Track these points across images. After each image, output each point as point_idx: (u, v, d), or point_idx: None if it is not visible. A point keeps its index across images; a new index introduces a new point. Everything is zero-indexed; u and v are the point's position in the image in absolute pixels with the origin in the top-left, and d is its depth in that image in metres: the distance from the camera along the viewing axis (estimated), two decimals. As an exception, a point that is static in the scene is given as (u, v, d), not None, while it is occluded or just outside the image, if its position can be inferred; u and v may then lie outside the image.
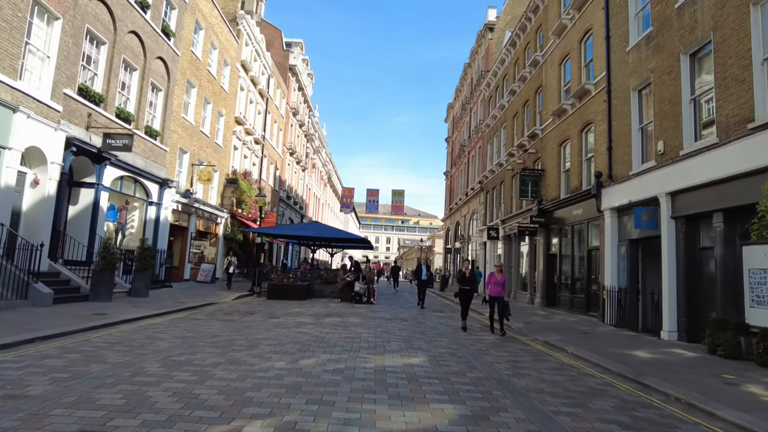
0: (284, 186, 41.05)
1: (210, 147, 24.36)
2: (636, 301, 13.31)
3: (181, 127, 20.94)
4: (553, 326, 13.19)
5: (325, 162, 65.06)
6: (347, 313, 13.81)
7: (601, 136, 15.62)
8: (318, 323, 11.28)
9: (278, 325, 10.71)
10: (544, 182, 20.56)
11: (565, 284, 18.26)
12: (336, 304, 16.95)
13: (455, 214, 42.96)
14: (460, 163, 41.90)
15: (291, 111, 42.30)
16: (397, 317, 13.72)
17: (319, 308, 15.02)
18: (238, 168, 28.74)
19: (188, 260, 22.26)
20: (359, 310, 15.19)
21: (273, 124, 36.85)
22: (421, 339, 9.77)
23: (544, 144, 20.99)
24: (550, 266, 19.55)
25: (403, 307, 17.32)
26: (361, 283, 17.10)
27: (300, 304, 16.22)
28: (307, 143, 51.45)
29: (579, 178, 17.23)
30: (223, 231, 26.45)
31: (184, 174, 21.84)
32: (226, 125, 26.64)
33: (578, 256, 17.34)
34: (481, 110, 34.73)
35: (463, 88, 43.05)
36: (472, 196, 35.41)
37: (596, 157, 15.88)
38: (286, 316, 12.55)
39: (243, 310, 13.42)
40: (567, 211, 17.91)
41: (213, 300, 15.89)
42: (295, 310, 14.14)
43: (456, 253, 42.73)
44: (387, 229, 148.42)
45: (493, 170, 28.93)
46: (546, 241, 19.85)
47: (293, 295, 17.47)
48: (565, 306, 17.78)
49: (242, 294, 18.56)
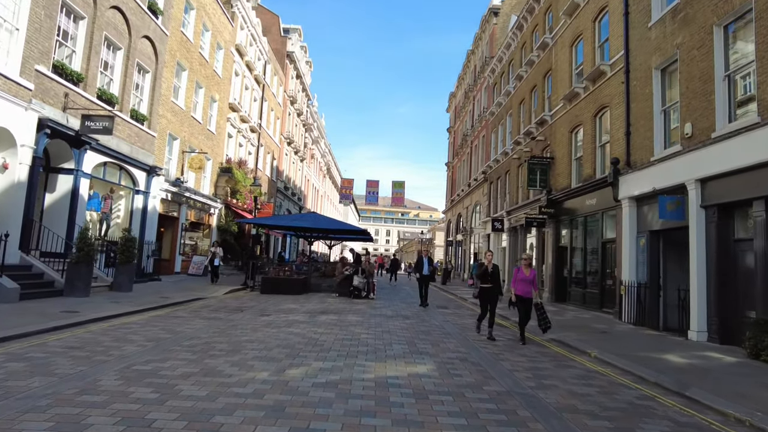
0: (282, 176, 39.95)
1: (202, 134, 23.26)
2: (657, 297, 12.30)
3: (170, 111, 19.84)
4: (568, 324, 12.20)
5: (324, 153, 63.90)
6: (345, 310, 12.80)
7: (617, 120, 14.55)
8: (312, 322, 10.27)
9: (268, 324, 9.70)
10: (554, 171, 19.50)
11: (576, 278, 17.25)
12: (333, 299, 15.95)
13: (457, 206, 41.91)
14: (463, 154, 40.79)
15: (289, 99, 41.12)
16: (398, 314, 12.72)
17: (314, 304, 14.01)
18: (232, 157, 27.65)
19: (179, 252, 21.24)
20: (358, 306, 14.20)
21: (270, 112, 35.69)
22: (427, 341, 8.77)
23: (553, 130, 19.91)
24: (559, 259, 18.53)
25: (405, 303, 16.33)
26: (360, 277, 16.10)
27: (295, 299, 15.21)
28: (306, 133, 50.28)
29: (592, 166, 16.18)
30: (217, 222, 25.42)
31: (174, 161, 20.77)
32: (220, 111, 25.52)
33: (591, 249, 16.32)
34: (485, 98, 33.58)
35: (465, 76, 41.84)
36: (475, 187, 34.35)
37: (612, 143, 14.81)
38: (277, 313, 11.54)
39: (232, 307, 12.42)
40: (579, 201, 16.86)
41: (202, 295, 14.89)
42: (288, 306, 13.13)
43: (458, 246, 41.75)
44: (387, 222, 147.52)
45: (497, 159, 27.84)
46: (555, 232, 18.83)
47: (288, 290, 16.47)
48: (576, 301, 16.78)
49: (234, 288, 17.56)
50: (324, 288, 18.47)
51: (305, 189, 50.69)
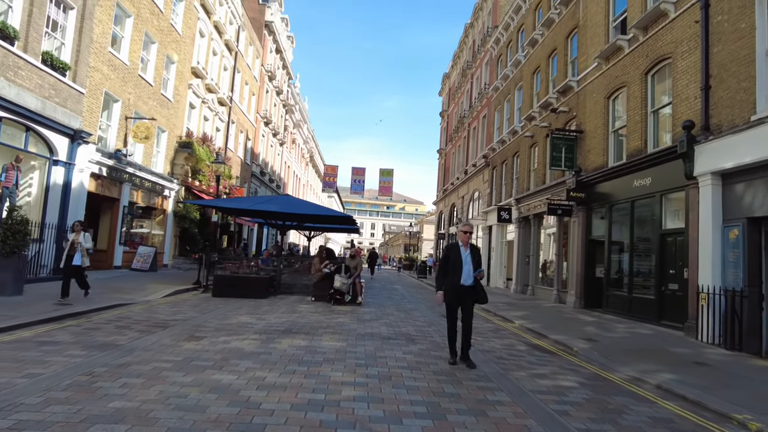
0: (257, 160, 35.89)
1: (154, 99, 19.18)
2: (758, 310, 8.81)
3: (108, 65, 15.76)
4: (632, 346, 8.66)
5: (307, 139, 59.75)
6: (320, 327, 8.97)
7: (686, 74, 10.99)
8: (264, 354, 6.47)
9: (187, 359, 5.86)
10: (582, 147, 15.94)
11: (617, 280, 13.74)
12: (307, 305, 12.15)
13: (450, 196, 38.32)
14: (458, 138, 37.15)
15: (266, 74, 36.97)
16: (398, 333, 8.95)
17: (279, 314, 10.19)
18: (195, 131, 23.59)
19: (119, 242, 17.21)
20: (339, 317, 10.42)
21: (244, 85, 31.58)
22: (460, 399, 5.04)
23: (581, 99, 16.33)
24: (590, 255, 15.00)
25: (401, 310, 12.63)
26: (343, 277, 12.34)
27: (255, 305, 11.39)
28: (286, 115, 46.16)
29: (642, 138, 12.64)
30: (174, 206, 21.39)
31: (113, 129, 16.70)
32: (179, 76, 21.43)
33: (641, 243, 12.80)
34: (486, 74, 29.92)
35: (462, 53, 38.13)
36: (473, 173, 30.75)
37: (677, 104, 11.24)
38: (217, 333, 7.71)
39: (155, 320, 8.57)
40: (621, 182, 13.32)
41: (131, 298, 11.03)
42: (239, 319, 9.29)
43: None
44: (372, 215, 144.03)
45: (503, 140, 24.24)
46: (585, 222, 15.28)
47: (248, 292, 12.64)
48: (616, 309, 13.26)
49: (182, 288, 13.70)
50: (298, 289, 14.65)
51: (285, 176, 46.62)
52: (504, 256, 24.37)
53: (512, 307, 14.86)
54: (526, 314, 13.06)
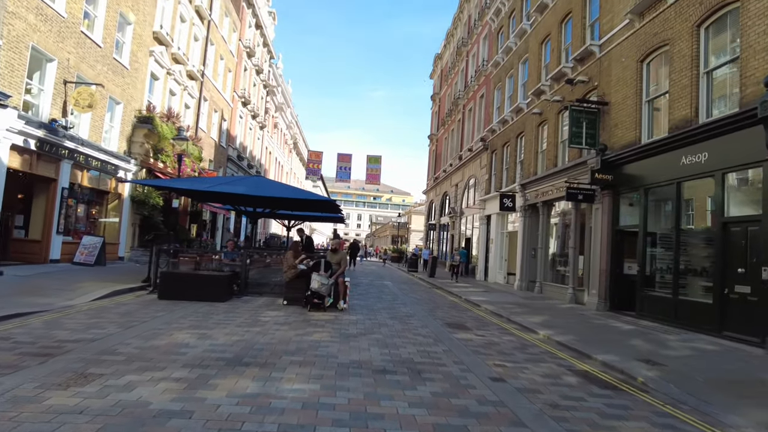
0: (234, 143, 33.02)
1: (104, 63, 16.32)
2: None
3: (36, 13, 12.91)
4: (715, 374, 6.34)
5: (291, 124, 56.75)
6: (285, 351, 6.20)
7: (759, 20, 8.63)
8: (177, 415, 3.94)
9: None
10: (606, 122, 13.57)
11: (654, 278, 11.42)
12: (276, 312, 9.58)
13: (442, 184, 35.89)
14: (452, 122, 34.66)
15: (245, 51, 34.00)
16: (398, 359, 6.33)
17: (233, 328, 7.56)
18: (159, 105, 20.75)
19: (57, 230, 14.43)
20: (315, 332, 7.85)
21: (218, 60, 28.64)
22: None
23: (604, 66, 13.94)
24: (618, 248, 12.68)
25: (396, 317, 10.16)
26: (323, 276, 9.79)
27: (206, 313, 8.80)
28: (267, 96, 43.19)
29: (692, 105, 10.27)
30: (131, 190, 18.59)
31: (47, 94, 13.85)
32: (138, 40, 18.54)
33: (691, 233, 10.49)
34: (484, 49, 27.40)
35: (456, 30, 35.53)
36: (468, 159, 28.33)
37: (748, 58, 8.86)
38: (125, 366, 5.09)
39: (46, 343, 5.95)
40: (661, 161, 10.97)
41: (50, 303, 8.41)
42: (173, 337, 6.69)
43: (442, 230, 35.85)
44: (359, 205, 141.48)
45: (505, 120, 21.80)
46: (611, 209, 12.93)
47: (204, 293, 10.04)
48: (654, 314, 10.93)
49: (126, 287, 11.06)
50: (270, 289, 12.06)
51: (266, 162, 43.73)
52: (505, 249, 22.04)
53: (525, 309, 12.50)
54: (547, 320, 10.70)
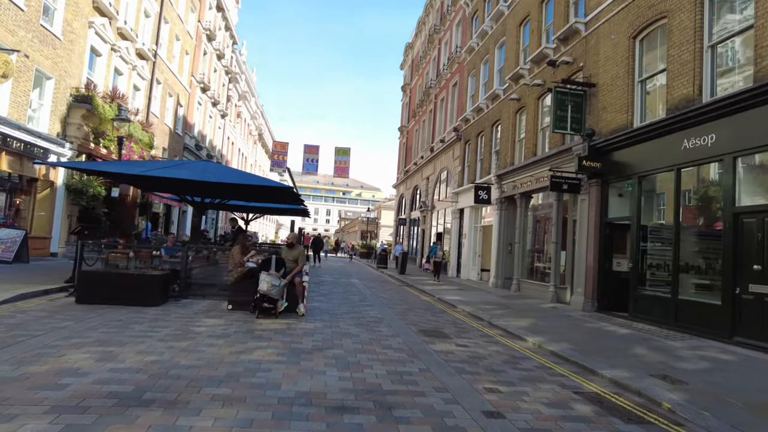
0: (192, 131, 30.84)
1: (28, 30, 14.22)
2: None
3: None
4: (753, 396, 5.14)
5: (255, 114, 54.43)
6: (209, 380, 4.50)
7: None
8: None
9: None
10: (594, 105, 12.47)
11: (650, 276, 10.34)
12: (216, 320, 7.93)
13: (413, 177, 34.62)
14: (423, 112, 33.40)
15: (204, 33, 31.80)
16: (362, 387, 4.77)
17: (152, 344, 5.88)
18: (102, 84, 18.64)
19: (-33, 222, 12.39)
20: (259, 348, 6.24)
21: (174, 41, 26.46)
22: None
23: (591, 45, 12.83)
24: (607, 242, 11.59)
25: (362, 323, 8.73)
26: (273, 276, 8.17)
27: (126, 322, 7.14)
28: (230, 84, 40.94)
29: (694, 83, 9.19)
30: (66, 178, 16.50)
31: (-47, 61, 11.79)
32: (73, 8, 16.41)
33: (695, 226, 9.42)
34: (458, 35, 26.19)
35: (428, 17, 34.23)
36: (440, 150, 27.11)
37: (764, 26, 7.81)
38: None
39: None
40: (659, 145, 9.89)
41: None
42: (64, 359, 4.94)
43: (413, 225, 34.61)
44: (328, 200, 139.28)
45: (479, 108, 20.61)
46: (600, 200, 11.82)
47: (134, 296, 8.35)
48: (650, 315, 9.84)
49: (41, 290, 9.24)
50: (217, 290, 10.33)
51: (228, 153, 41.49)
52: (479, 244, 20.89)
53: (506, 310, 11.28)
54: (533, 324, 9.47)
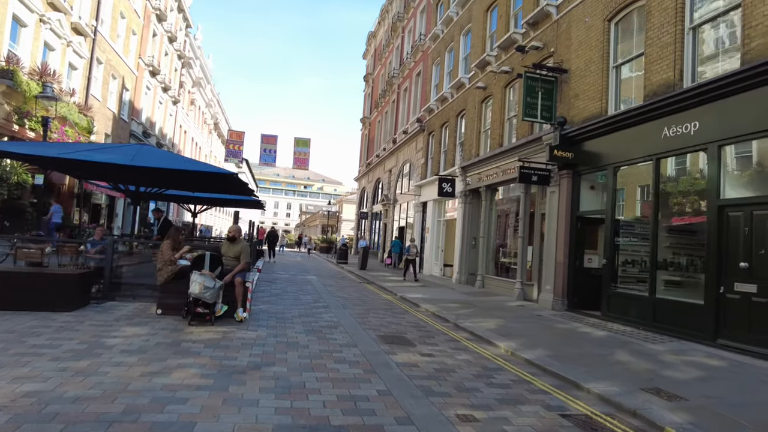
0: (139, 117, 28.75)
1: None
2: None
3: None
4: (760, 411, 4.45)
5: (211, 102, 52.05)
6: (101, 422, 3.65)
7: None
8: None
9: None
10: (565, 93, 11.80)
11: (624, 273, 9.75)
12: (137, 329, 6.68)
13: (375, 170, 33.66)
14: (385, 103, 32.43)
15: (154, 13, 29.68)
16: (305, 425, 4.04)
17: (43, 364, 4.66)
18: (28, 59, 16.70)
19: None
20: (180, 367, 5.13)
21: (118, 18, 24.39)
22: None
23: (563, 29, 12.16)
24: (578, 237, 10.96)
25: (314, 329, 7.70)
26: (206, 276, 6.94)
27: (21, 335, 5.81)
28: (183, 69, 38.70)
29: (675, 67, 8.59)
30: (-17, 163, 14.64)
31: None
32: (-9, -30, 14.52)
33: (670, 220, 8.84)
34: (422, 23, 25.31)
35: (391, 5, 33.18)
36: (403, 142, 26.23)
37: (760, 0, 7.21)
38: None
39: None
40: (636, 134, 9.27)
41: None
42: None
43: (375, 219, 33.65)
44: (288, 194, 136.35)
45: (444, 98, 19.81)
46: (571, 192, 11.17)
47: (42, 299, 7.01)
48: (625, 315, 9.24)
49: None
50: (151, 291, 9.04)
51: (180, 142, 39.28)
52: (442, 239, 20.16)
53: (471, 310, 10.48)
54: (502, 325, 8.69)
